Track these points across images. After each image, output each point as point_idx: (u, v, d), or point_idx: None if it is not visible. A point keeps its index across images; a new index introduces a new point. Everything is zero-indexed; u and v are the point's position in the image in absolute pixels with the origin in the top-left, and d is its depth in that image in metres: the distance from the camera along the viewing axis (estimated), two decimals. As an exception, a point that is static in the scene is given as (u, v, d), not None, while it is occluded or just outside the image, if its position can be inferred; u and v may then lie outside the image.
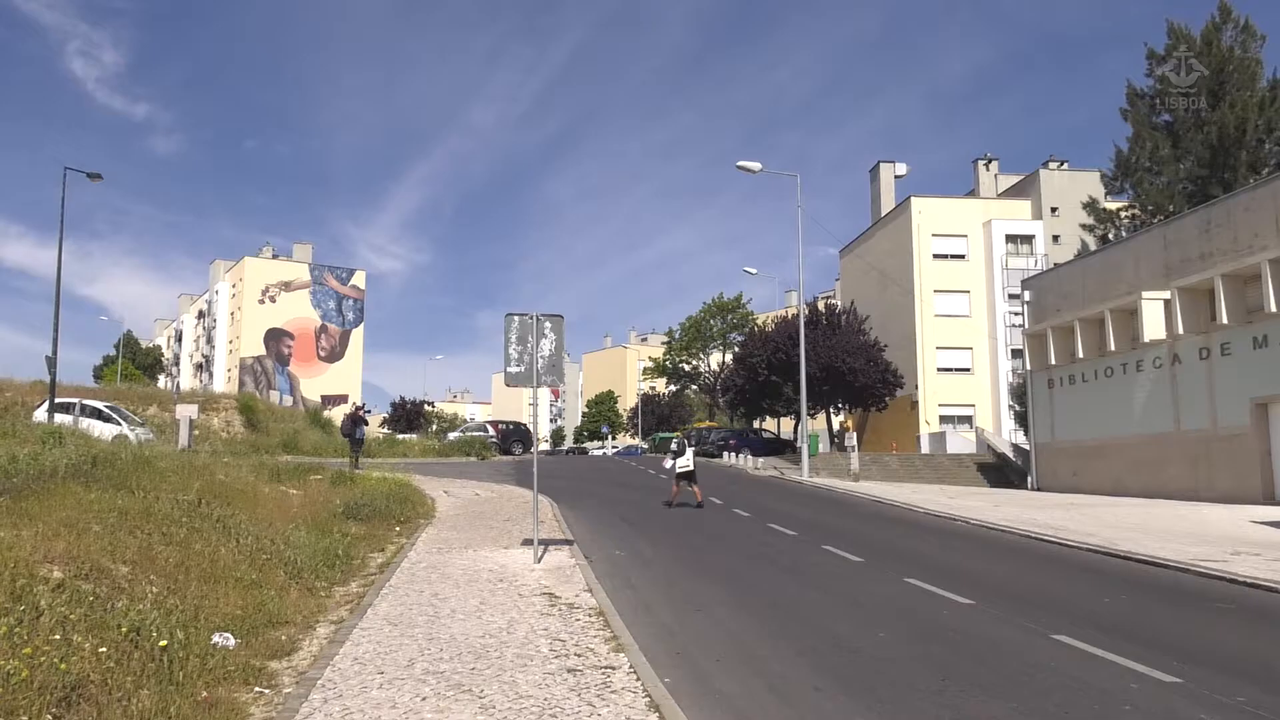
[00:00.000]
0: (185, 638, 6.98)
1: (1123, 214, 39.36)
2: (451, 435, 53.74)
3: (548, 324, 13.56)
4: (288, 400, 72.29)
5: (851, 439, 36.83)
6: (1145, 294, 26.30)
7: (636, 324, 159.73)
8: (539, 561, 13.04)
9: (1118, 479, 27.88)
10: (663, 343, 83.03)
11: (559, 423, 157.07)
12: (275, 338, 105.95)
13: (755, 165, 34.37)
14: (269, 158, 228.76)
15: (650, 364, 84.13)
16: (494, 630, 8.73)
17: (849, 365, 44.57)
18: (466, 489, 25.81)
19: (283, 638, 8.26)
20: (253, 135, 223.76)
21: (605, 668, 7.37)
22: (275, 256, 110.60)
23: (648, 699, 6.50)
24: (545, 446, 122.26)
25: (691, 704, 6.60)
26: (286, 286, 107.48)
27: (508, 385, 13.56)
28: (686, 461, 22.06)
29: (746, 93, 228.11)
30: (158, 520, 10.67)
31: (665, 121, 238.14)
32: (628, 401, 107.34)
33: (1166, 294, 25.82)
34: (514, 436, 51.65)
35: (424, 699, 6.53)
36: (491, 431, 52.74)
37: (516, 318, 13.51)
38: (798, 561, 14.14)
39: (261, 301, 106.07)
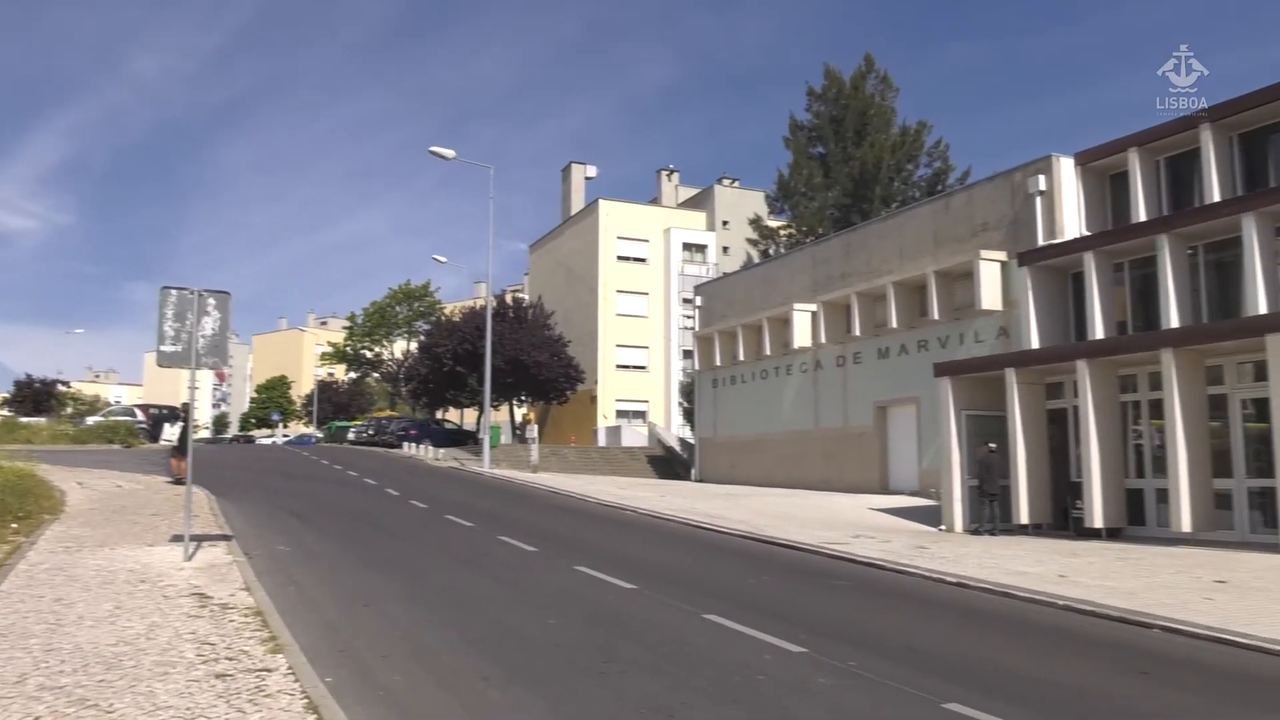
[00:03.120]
0: None
1: (782, 232, 43.59)
2: (91, 420, 47.73)
3: (211, 301, 12.47)
4: None
5: (532, 431, 37.50)
6: (796, 305, 29.33)
7: (316, 307, 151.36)
8: (190, 559, 11.95)
9: (768, 471, 30.84)
10: (344, 327, 79.38)
11: (224, 408, 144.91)
12: None
13: (449, 152, 33.92)
14: None
15: (329, 349, 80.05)
16: (130, 637, 7.87)
17: (534, 359, 45.31)
18: (106, 480, 23.04)
19: None
20: None
21: (260, 670, 6.92)
22: None
23: (306, 700, 6.19)
24: (206, 434, 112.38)
25: (355, 702, 6.39)
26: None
27: (161, 365, 12.32)
28: (171, 436, 23.12)
29: (445, 79, 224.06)
30: None
31: (357, 99, 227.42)
32: (303, 388, 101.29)
33: (813, 307, 28.96)
34: (168, 422, 46.83)
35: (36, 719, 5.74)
36: (141, 416, 47.56)
37: (175, 292, 12.30)
38: (473, 552, 14.17)
39: None
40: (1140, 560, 13.51)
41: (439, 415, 58.52)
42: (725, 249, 55.58)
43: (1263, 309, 15.90)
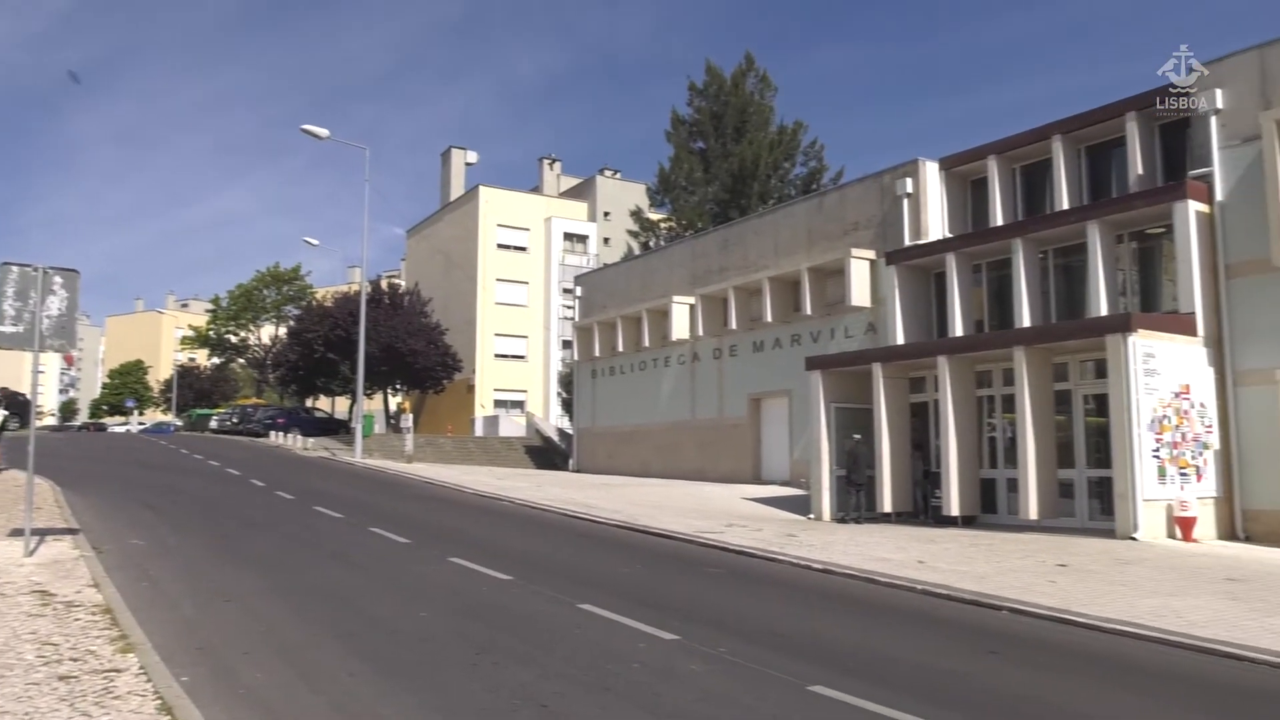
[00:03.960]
0: None
1: (662, 225, 43.99)
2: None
3: (58, 279, 11.69)
4: None
5: (407, 420, 36.73)
6: (675, 298, 29.70)
7: (177, 289, 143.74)
8: (31, 555, 11.20)
9: (645, 462, 31.15)
10: (207, 310, 75.65)
11: (72, 394, 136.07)
12: None
13: (323, 131, 32.76)
14: None
15: (191, 333, 76.20)
16: (-38, 639, 7.32)
17: (410, 346, 44.36)
18: (-65, 471, 21.32)
19: None
20: None
21: (109, 671, 6.55)
22: None
23: (159, 701, 5.90)
24: (51, 421, 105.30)
25: (212, 701, 6.13)
26: None
27: (0, 347, 11.45)
28: None
29: (319, 56, 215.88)
30: None
31: (224, 72, 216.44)
32: (161, 373, 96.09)
33: (692, 299, 29.38)
34: (6, 408, 43.61)
35: None
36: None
37: (16, 268, 11.47)
38: (343, 545, 13.79)
39: None
40: (992, 546, 14.31)
41: (309, 403, 56.60)
42: (606, 240, 55.69)
43: (1104, 311, 17.05)
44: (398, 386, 48.85)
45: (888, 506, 18.42)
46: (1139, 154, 18.21)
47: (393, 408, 49.19)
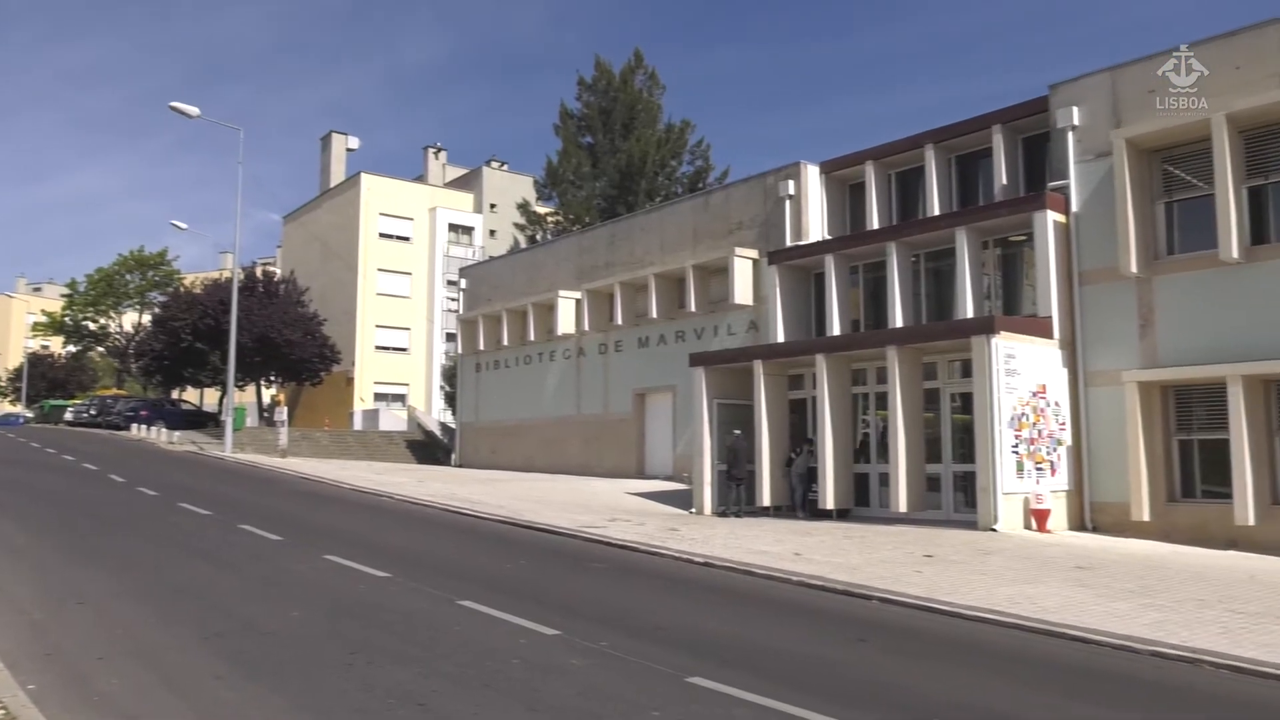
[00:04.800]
0: None
1: (550, 219, 43.79)
2: None
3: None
4: None
5: (282, 414, 35.44)
6: (561, 292, 29.62)
7: (29, 271, 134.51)
8: None
9: (529, 456, 30.97)
10: (63, 295, 71.04)
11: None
12: None
13: (193, 110, 31.22)
14: None
15: (45, 319, 71.44)
16: None
17: (285, 337, 42.82)
18: None
19: None
20: None
21: (-54, 681, 6.11)
22: None
23: (2, 711, 5.53)
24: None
25: (63, 709, 5.80)
26: None
27: None
28: None
29: (190, 32, 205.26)
30: None
31: (84, 43, 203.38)
32: (10, 361, 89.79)
33: (578, 294, 29.36)
34: None
35: None
36: None
37: None
38: (210, 543, 13.22)
39: None
40: (864, 538, 14.85)
41: (175, 395, 53.94)
42: (492, 232, 55.05)
43: (970, 313, 17.90)
44: (272, 378, 47.10)
45: (767, 501, 18.87)
46: (1004, 165, 19.22)
47: (266, 400, 47.41)
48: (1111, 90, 16.93)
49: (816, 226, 22.80)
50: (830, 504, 17.68)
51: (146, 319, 58.07)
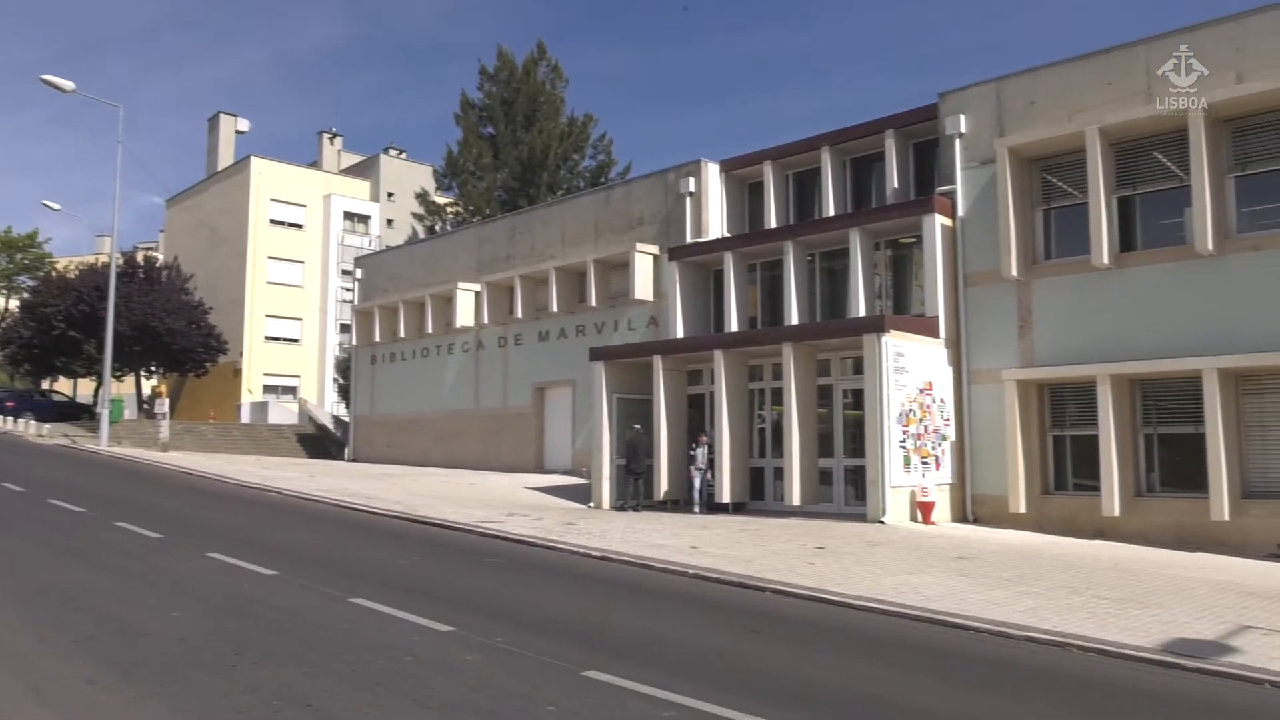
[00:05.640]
0: None
1: (449, 209, 43.13)
2: None
3: None
4: None
5: (163, 406, 33.92)
6: (460, 284, 29.21)
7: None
8: None
9: (426, 450, 30.46)
10: (-82, 278, 66.29)
11: None
12: None
13: (67, 84, 29.56)
14: None
15: (-104, 303, 66.51)
16: None
17: (167, 326, 40.94)
18: None
19: None
20: None
21: None
22: None
23: None
24: None
25: (-84, 722, 5.43)
26: None
27: None
28: None
29: (68, 1, 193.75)
30: None
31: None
32: None
33: (478, 286, 29.01)
34: None
35: None
36: None
37: None
38: (83, 541, 12.57)
39: None
40: (759, 531, 15.16)
41: (46, 385, 50.97)
42: (390, 221, 53.86)
43: (862, 312, 18.45)
44: (153, 369, 44.99)
45: (664, 494, 19.05)
46: (895, 169, 19.88)
47: (147, 392, 45.28)
48: (996, 100, 17.69)
49: (716, 224, 23.10)
50: (727, 498, 17.97)
51: (14, 304, 54.64)
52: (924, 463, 16.70)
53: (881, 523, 15.65)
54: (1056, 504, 16.44)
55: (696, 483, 18.74)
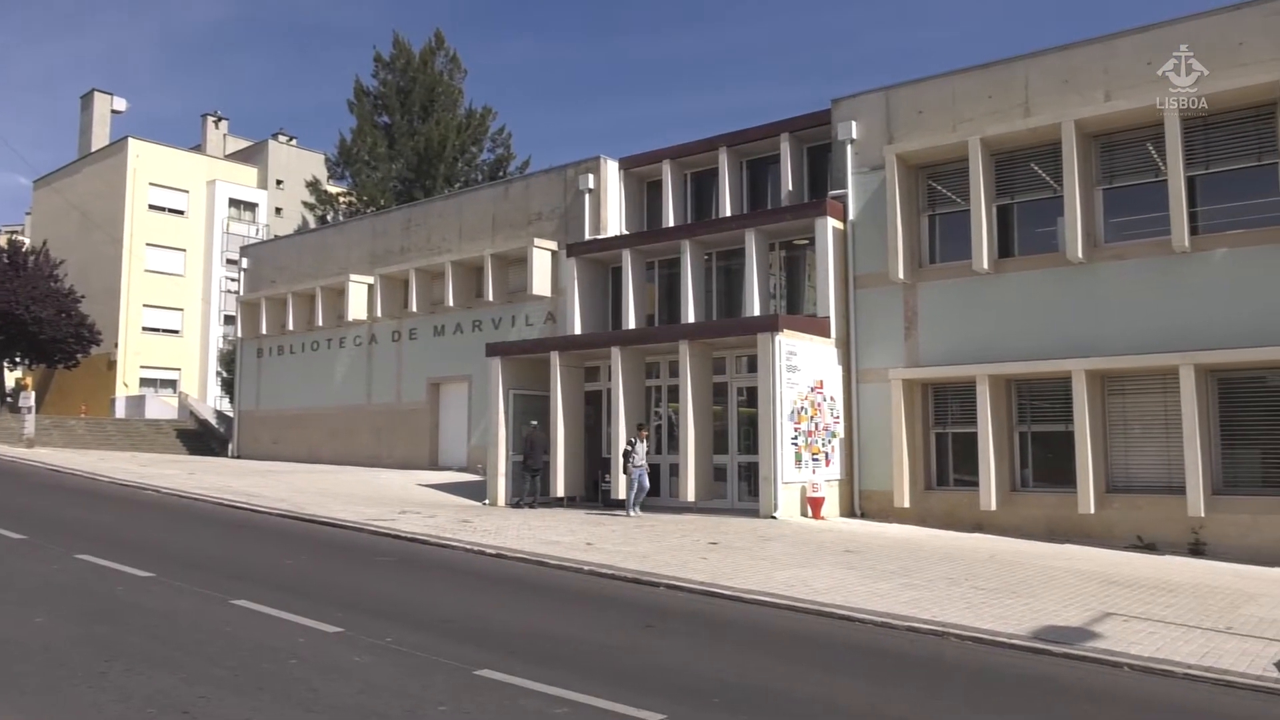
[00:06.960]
0: None
1: (342, 199, 41.93)
2: None
3: None
4: None
5: (28, 399, 31.95)
6: (353, 276, 28.45)
7: None
8: None
9: (315, 447, 29.58)
10: None
11: None
12: None
13: (-78, 54, 27.51)
14: None
15: None
16: None
17: (34, 314, 38.60)
18: None
19: None
20: None
21: None
22: None
23: None
24: None
25: None
26: None
27: None
28: None
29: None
30: None
31: None
32: None
33: (371, 279, 28.31)
34: None
35: None
36: None
37: None
38: (-64, 544, 11.76)
39: None
40: (654, 527, 15.29)
41: (-106, 377, 47.41)
42: (278, 210, 52.01)
43: (757, 311, 18.81)
44: (18, 360, 42.36)
45: (561, 491, 19.01)
46: (790, 171, 20.32)
47: (11, 384, 42.59)
48: (885, 108, 18.28)
49: (615, 221, 23.16)
50: (623, 494, 18.05)
51: None
52: (815, 459, 17.14)
53: (774, 518, 15.99)
54: (938, 499, 17.12)
55: (635, 481, 17.10)
